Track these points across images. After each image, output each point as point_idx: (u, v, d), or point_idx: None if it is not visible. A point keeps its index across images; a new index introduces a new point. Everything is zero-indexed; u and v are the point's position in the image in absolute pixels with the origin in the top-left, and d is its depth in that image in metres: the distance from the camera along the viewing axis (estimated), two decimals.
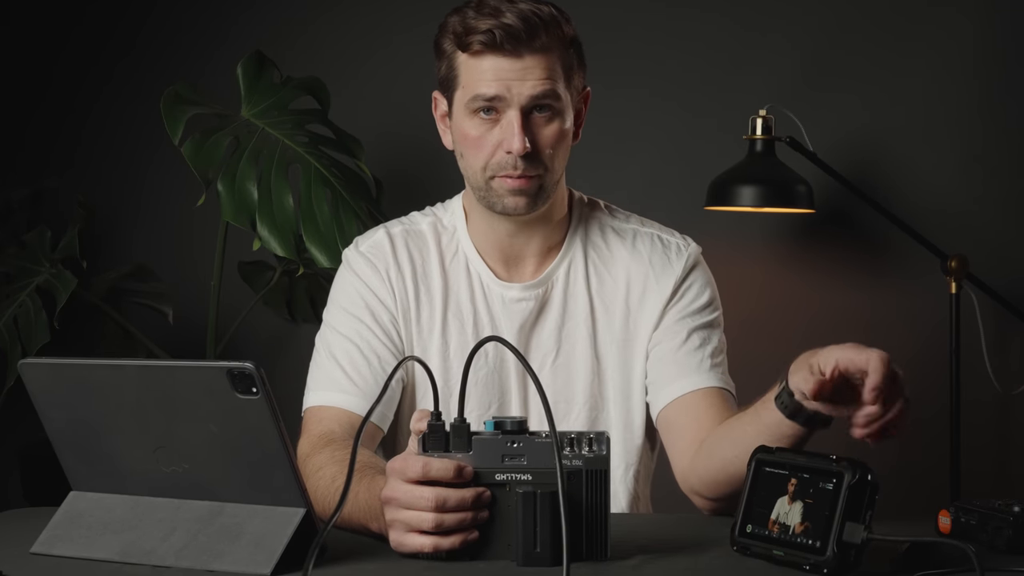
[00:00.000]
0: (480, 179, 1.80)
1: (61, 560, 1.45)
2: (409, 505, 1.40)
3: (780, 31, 3.11)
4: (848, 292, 3.12)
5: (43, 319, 2.81)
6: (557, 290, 1.88)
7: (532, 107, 1.76)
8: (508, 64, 1.74)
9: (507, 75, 1.74)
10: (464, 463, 1.39)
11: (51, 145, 3.32)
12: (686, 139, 3.14)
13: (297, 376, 1.94)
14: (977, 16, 3.05)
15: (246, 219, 2.74)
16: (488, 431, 1.41)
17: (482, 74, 1.75)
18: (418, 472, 1.39)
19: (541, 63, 1.75)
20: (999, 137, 3.07)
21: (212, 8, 3.27)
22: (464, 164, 1.82)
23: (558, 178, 1.82)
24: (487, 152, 1.78)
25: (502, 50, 1.74)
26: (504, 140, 1.76)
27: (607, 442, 1.41)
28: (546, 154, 1.78)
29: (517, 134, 1.75)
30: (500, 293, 1.87)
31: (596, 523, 1.40)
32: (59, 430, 1.49)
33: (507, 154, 1.76)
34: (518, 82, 1.74)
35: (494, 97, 1.75)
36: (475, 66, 1.76)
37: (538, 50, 1.75)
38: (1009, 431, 3.08)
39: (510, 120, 1.75)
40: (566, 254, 1.89)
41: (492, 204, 1.81)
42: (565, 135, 1.80)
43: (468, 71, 1.77)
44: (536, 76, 1.75)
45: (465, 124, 1.79)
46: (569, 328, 1.87)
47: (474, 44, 1.74)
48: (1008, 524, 1.44)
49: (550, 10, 1.77)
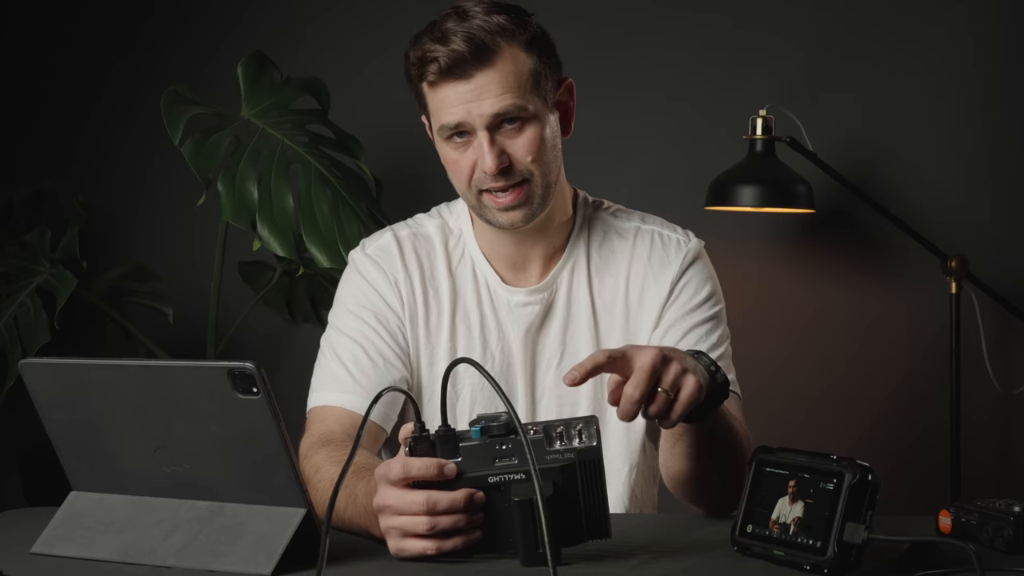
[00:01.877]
0: (470, 198, 1.81)
1: (61, 560, 1.45)
2: (401, 510, 1.40)
3: (780, 31, 3.11)
4: (848, 292, 3.12)
5: (43, 319, 2.81)
6: (561, 293, 1.87)
7: (498, 123, 1.75)
8: (463, 87, 1.74)
9: (464, 99, 1.74)
10: (445, 461, 1.39)
11: (51, 145, 3.32)
12: (686, 139, 3.14)
13: (297, 376, 1.94)
14: (977, 16, 3.05)
15: (246, 219, 2.74)
16: (475, 437, 1.40)
17: (442, 102, 1.76)
18: (399, 472, 1.39)
19: (495, 79, 1.74)
20: (999, 137, 3.07)
21: (212, 8, 3.27)
22: (454, 184, 1.83)
23: (552, 181, 1.81)
24: (466, 173, 1.78)
25: (453, 76, 1.74)
26: (477, 160, 1.77)
27: (596, 426, 1.40)
28: (525, 163, 1.77)
29: (487, 153, 1.75)
30: (506, 298, 1.87)
31: (595, 506, 1.40)
32: (59, 430, 1.49)
33: (484, 172, 1.76)
34: (476, 103, 1.74)
35: (458, 124, 1.75)
36: (434, 95, 1.77)
37: (488, 65, 1.74)
38: (1009, 431, 3.08)
39: (479, 142, 1.75)
40: (569, 257, 1.89)
41: (489, 220, 1.81)
42: (544, 140, 1.78)
43: (432, 101, 1.78)
44: (493, 93, 1.74)
45: (443, 149, 1.80)
46: (573, 331, 1.87)
47: (428, 75, 1.75)
48: (1008, 524, 1.44)
49: (500, 19, 1.75)
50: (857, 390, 3.10)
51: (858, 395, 3.10)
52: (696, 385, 1.47)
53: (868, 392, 3.10)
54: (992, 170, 3.08)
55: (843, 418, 3.09)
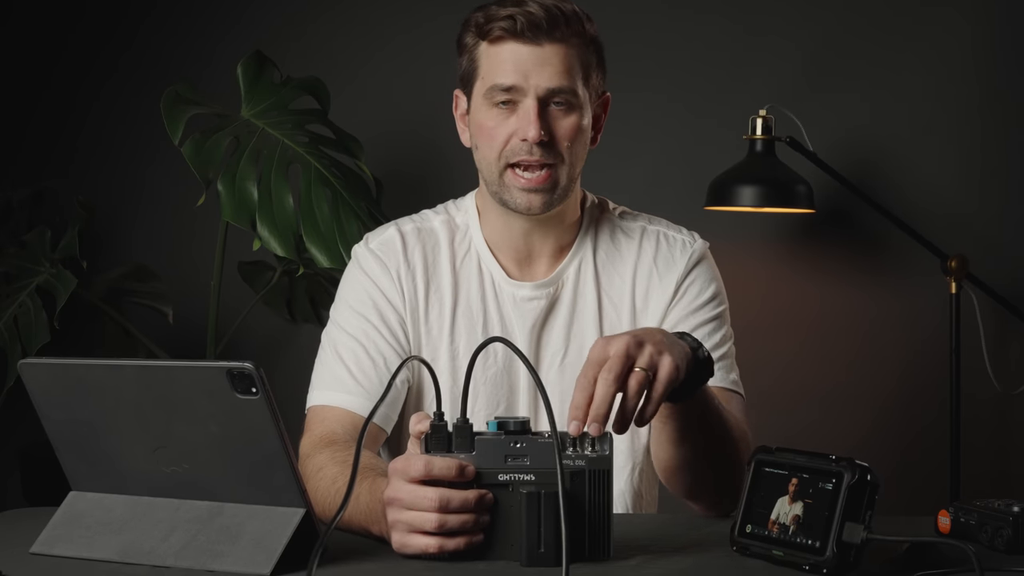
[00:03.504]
0: (494, 171, 1.80)
1: (61, 560, 1.45)
2: (412, 505, 1.40)
3: (780, 31, 3.11)
4: (848, 292, 3.12)
5: (43, 319, 2.81)
6: (567, 289, 1.88)
7: (549, 98, 1.76)
8: (527, 52, 1.75)
9: (525, 64, 1.75)
10: (466, 463, 1.39)
11: (51, 145, 3.32)
12: (686, 139, 3.14)
13: (297, 376, 1.94)
14: (976, 16, 3.05)
15: (246, 219, 2.74)
16: (491, 431, 1.41)
17: (501, 63, 1.76)
18: (420, 471, 1.39)
19: (560, 54, 1.76)
20: (999, 137, 3.07)
21: (212, 8, 3.27)
22: (479, 156, 1.82)
23: (575, 175, 1.82)
24: (501, 141, 1.78)
25: (522, 37, 1.75)
26: (519, 128, 1.76)
27: (610, 442, 1.41)
28: (563, 146, 1.78)
29: (533, 122, 1.75)
30: (511, 292, 1.86)
31: (599, 523, 1.40)
32: (59, 430, 1.49)
33: (522, 142, 1.76)
34: (536, 71, 1.75)
35: (511, 87, 1.75)
36: (495, 54, 1.77)
37: (558, 40, 1.76)
38: (1009, 431, 3.08)
39: (526, 109, 1.76)
40: (576, 253, 1.89)
41: (505, 201, 1.81)
42: (583, 131, 1.80)
43: (487, 59, 1.77)
44: (554, 67, 1.76)
45: (482, 115, 1.79)
46: (578, 327, 1.87)
47: (495, 30, 1.76)
48: (1008, 524, 1.44)
49: (573, 7, 1.79)
50: (857, 390, 3.10)
51: (858, 395, 3.10)
52: (672, 364, 1.46)
53: (867, 392, 3.10)
54: (992, 170, 3.08)
55: (842, 418, 3.09)
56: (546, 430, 1.40)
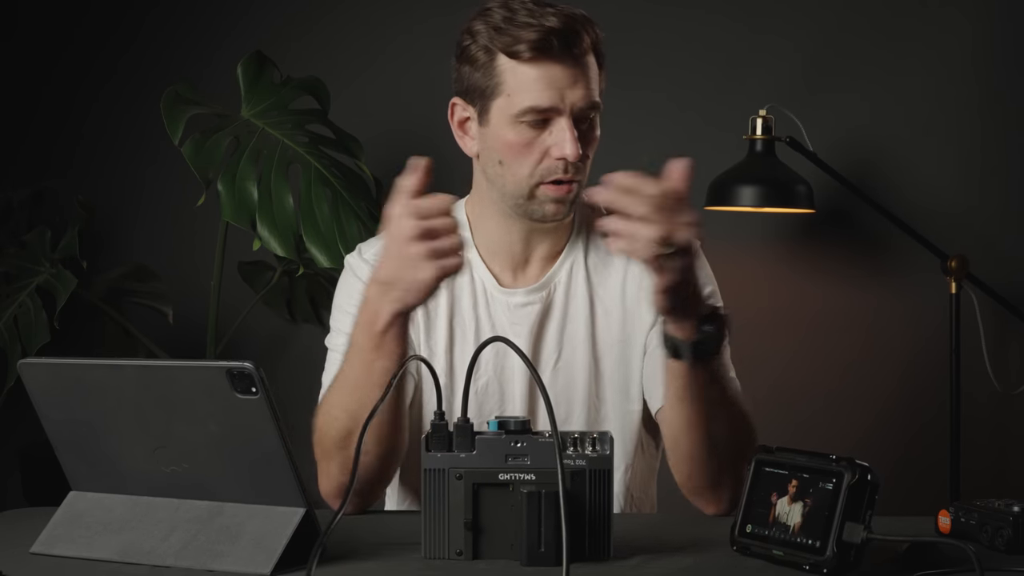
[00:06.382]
0: (524, 187, 1.76)
1: (61, 560, 1.45)
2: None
3: (780, 31, 3.11)
4: (848, 292, 3.12)
5: (43, 319, 2.81)
6: (559, 292, 1.87)
7: (583, 116, 1.74)
8: (560, 71, 1.71)
9: (559, 83, 1.71)
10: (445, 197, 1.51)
11: (51, 145, 3.32)
12: (686, 139, 3.13)
13: (297, 376, 1.94)
14: (976, 16, 3.05)
15: (246, 219, 2.74)
16: (492, 431, 1.41)
17: (533, 82, 1.71)
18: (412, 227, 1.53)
19: (587, 68, 1.73)
20: (999, 137, 3.07)
21: (212, 8, 3.27)
22: (503, 171, 1.77)
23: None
24: (535, 159, 1.74)
25: (554, 56, 1.70)
26: (555, 146, 1.72)
27: (610, 442, 1.41)
28: (588, 159, 1.77)
29: (571, 141, 1.71)
30: (504, 301, 1.85)
31: (599, 523, 1.40)
32: (59, 430, 1.49)
33: (557, 160, 1.73)
34: (570, 90, 1.71)
35: (548, 108, 1.71)
36: (523, 73, 1.71)
37: (583, 53, 1.73)
38: (1009, 431, 3.08)
39: (562, 127, 1.72)
40: (567, 256, 1.88)
41: (531, 212, 1.78)
42: (597, 142, 1.79)
43: (515, 78, 1.71)
44: (585, 83, 1.72)
45: (508, 132, 1.74)
46: (570, 330, 1.86)
47: (524, 51, 1.70)
48: (1008, 524, 1.44)
49: (582, 12, 1.74)
50: (856, 390, 3.10)
51: (857, 395, 3.10)
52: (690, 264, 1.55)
53: (867, 392, 3.10)
54: (992, 170, 3.08)
55: (842, 417, 3.09)
56: (547, 430, 1.41)
